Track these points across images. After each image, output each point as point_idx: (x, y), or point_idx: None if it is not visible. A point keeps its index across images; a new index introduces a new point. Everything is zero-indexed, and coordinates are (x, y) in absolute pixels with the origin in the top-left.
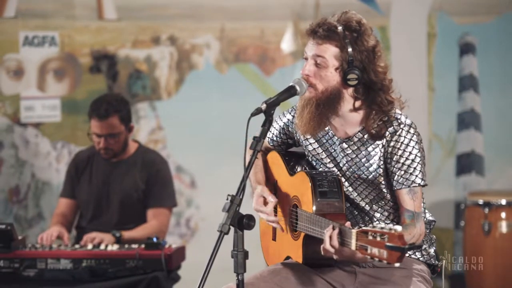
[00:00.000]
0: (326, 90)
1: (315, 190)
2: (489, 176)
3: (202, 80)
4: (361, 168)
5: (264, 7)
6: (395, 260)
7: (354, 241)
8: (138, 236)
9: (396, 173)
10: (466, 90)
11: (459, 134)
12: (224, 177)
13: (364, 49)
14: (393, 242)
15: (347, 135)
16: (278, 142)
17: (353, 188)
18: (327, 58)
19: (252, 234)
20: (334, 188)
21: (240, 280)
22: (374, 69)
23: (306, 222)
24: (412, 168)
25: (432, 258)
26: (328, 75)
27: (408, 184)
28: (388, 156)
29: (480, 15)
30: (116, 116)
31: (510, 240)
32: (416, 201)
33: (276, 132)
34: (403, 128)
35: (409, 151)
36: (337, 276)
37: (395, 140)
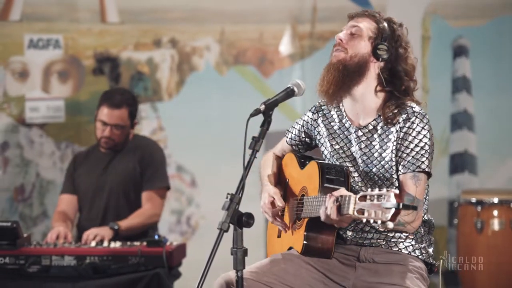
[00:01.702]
0: (355, 55)
1: (323, 176)
2: (481, 175)
3: (202, 82)
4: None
5: (263, 10)
6: (390, 218)
7: (353, 206)
8: (135, 223)
9: (404, 158)
10: (459, 92)
11: (453, 134)
12: (223, 176)
13: (399, 39)
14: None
15: (362, 124)
16: (296, 141)
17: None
18: (363, 28)
19: (251, 232)
20: (341, 177)
21: (240, 277)
22: (404, 59)
23: (310, 205)
24: (420, 154)
25: (430, 257)
26: (360, 43)
27: (413, 169)
28: (399, 142)
29: (473, 19)
30: (127, 109)
31: (502, 238)
32: (419, 187)
33: (296, 131)
34: (417, 116)
35: (420, 139)
36: (335, 269)
37: (407, 127)
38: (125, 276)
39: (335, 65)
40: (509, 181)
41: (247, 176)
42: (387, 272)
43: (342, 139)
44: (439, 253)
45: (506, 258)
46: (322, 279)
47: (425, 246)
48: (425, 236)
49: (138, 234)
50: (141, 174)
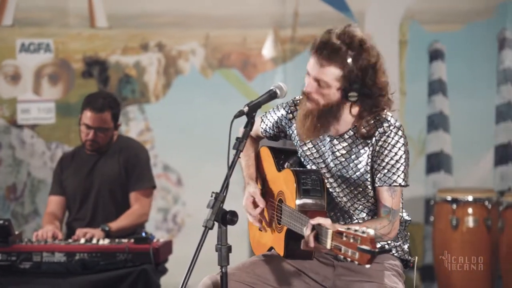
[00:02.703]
0: (327, 104)
1: (299, 187)
2: (456, 174)
3: (188, 85)
4: (347, 167)
5: (246, 16)
6: (365, 261)
7: (330, 241)
8: (124, 224)
9: (380, 171)
10: (435, 94)
11: (429, 135)
12: (208, 176)
13: (365, 66)
14: (364, 245)
15: (339, 133)
16: (270, 134)
17: (337, 184)
18: (329, 81)
19: (235, 229)
20: (317, 186)
21: (224, 273)
22: (375, 82)
23: (289, 218)
24: (396, 168)
25: (406, 254)
26: (330, 94)
27: (389, 183)
28: (375, 155)
29: (448, 24)
30: (110, 112)
31: (476, 234)
32: (395, 199)
33: (270, 125)
34: (392, 130)
35: (395, 152)
36: (315, 268)
37: (383, 140)
38: (113, 272)
39: (311, 113)
40: (483, 180)
41: (231, 176)
42: (365, 270)
43: (317, 143)
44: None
45: (479, 254)
46: (303, 279)
47: (400, 244)
48: (401, 233)
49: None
50: (127, 175)
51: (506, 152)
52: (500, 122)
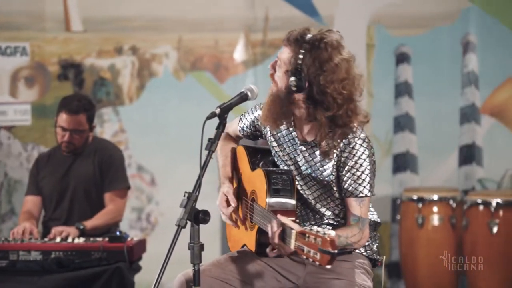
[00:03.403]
0: (281, 87)
1: (269, 187)
2: (422, 174)
3: (161, 87)
4: (316, 171)
5: (218, 20)
6: (326, 262)
7: (293, 241)
8: (99, 223)
9: (347, 182)
10: (401, 96)
11: (395, 136)
12: (181, 176)
13: (315, 64)
14: (325, 246)
15: (306, 140)
16: (247, 133)
17: (307, 187)
18: (281, 60)
19: (208, 228)
20: (287, 186)
21: (196, 270)
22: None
23: (259, 216)
24: (361, 179)
25: (374, 253)
26: (280, 76)
27: (356, 194)
28: (340, 165)
29: (414, 28)
30: (85, 115)
31: (441, 232)
32: (363, 208)
33: (247, 124)
34: (357, 142)
35: (360, 163)
36: (287, 265)
37: (348, 152)
38: (88, 270)
39: (271, 97)
40: (448, 179)
41: (203, 176)
42: (335, 268)
43: (289, 146)
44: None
45: (444, 251)
46: (275, 276)
47: (369, 244)
48: (370, 233)
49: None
50: (101, 175)
51: (470, 152)
52: (464, 123)
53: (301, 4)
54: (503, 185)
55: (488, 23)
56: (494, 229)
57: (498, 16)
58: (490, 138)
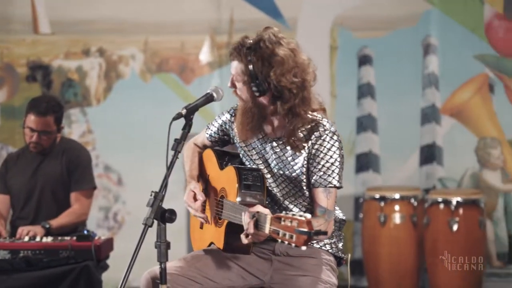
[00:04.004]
0: (247, 100)
1: (240, 182)
2: (384, 173)
3: (128, 88)
4: (287, 166)
5: (184, 22)
6: (302, 243)
7: (268, 225)
8: (65, 222)
9: (316, 173)
10: (364, 97)
11: (358, 136)
12: (148, 175)
13: (267, 63)
14: (301, 227)
15: (276, 136)
16: (215, 138)
17: (276, 184)
18: (236, 75)
19: (174, 227)
20: (257, 182)
21: (163, 268)
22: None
23: (229, 211)
24: (331, 170)
25: (339, 251)
26: (241, 89)
27: (325, 184)
28: (311, 157)
29: (376, 31)
30: (53, 116)
31: (403, 230)
32: (330, 200)
33: (215, 129)
34: (328, 134)
35: (330, 155)
36: (254, 263)
37: (319, 144)
38: (57, 268)
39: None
40: (409, 178)
41: (169, 175)
42: (301, 265)
43: (258, 145)
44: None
45: (406, 249)
46: (241, 274)
47: (335, 241)
48: (336, 232)
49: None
50: (68, 176)
51: (431, 152)
52: (425, 123)
53: (265, 6)
54: (463, 184)
55: (448, 26)
56: (454, 227)
57: (458, 18)
58: (450, 138)
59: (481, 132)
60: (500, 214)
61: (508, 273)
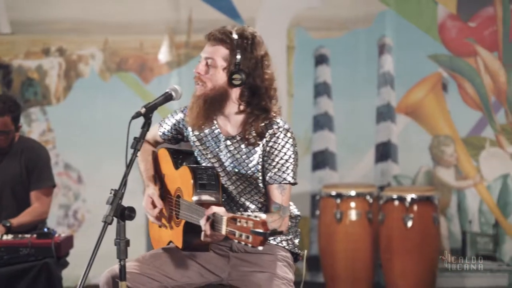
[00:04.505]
0: (213, 88)
1: (196, 182)
2: (340, 171)
3: (88, 87)
4: (241, 164)
5: (143, 22)
6: (258, 243)
7: (224, 227)
8: (25, 220)
9: (271, 170)
10: (320, 96)
11: (315, 134)
12: (108, 173)
13: (252, 56)
14: (257, 228)
15: (231, 134)
16: (168, 137)
17: (230, 182)
18: (216, 59)
19: (133, 224)
20: (212, 181)
21: (123, 265)
22: (261, 75)
23: (186, 211)
24: (285, 167)
25: (296, 248)
26: (216, 75)
27: (279, 181)
28: (265, 155)
29: (332, 31)
30: (10, 116)
31: (358, 227)
32: (284, 196)
33: (168, 128)
34: (281, 131)
35: (284, 152)
36: (212, 260)
37: (273, 141)
38: (17, 266)
39: (198, 98)
40: (365, 176)
41: (129, 173)
42: (258, 261)
43: (212, 144)
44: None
45: (361, 245)
46: (199, 271)
47: (292, 238)
48: (292, 228)
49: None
50: (28, 174)
51: (386, 150)
52: (381, 121)
53: (224, 7)
54: (417, 181)
55: (403, 26)
56: (408, 223)
57: (412, 19)
58: (405, 136)
59: (435, 130)
60: (453, 211)
61: (461, 268)
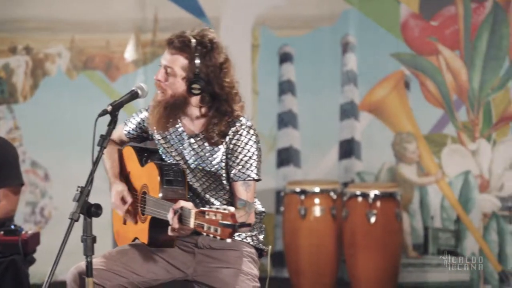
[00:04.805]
0: (173, 95)
1: (162, 178)
2: (304, 168)
3: (55, 86)
4: (205, 162)
5: (109, 21)
6: (227, 235)
7: (193, 220)
8: None
9: (235, 167)
10: (285, 94)
11: (279, 132)
12: (74, 171)
13: (211, 64)
14: (226, 220)
15: (194, 133)
16: (133, 135)
17: (195, 179)
18: (175, 68)
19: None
20: (178, 177)
21: (89, 262)
22: (219, 82)
23: (153, 206)
24: (249, 164)
25: (260, 243)
26: (175, 83)
27: (244, 178)
28: (229, 152)
29: (296, 29)
30: None
31: (322, 223)
32: (249, 192)
33: (133, 127)
34: (244, 129)
35: (248, 149)
36: (177, 256)
37: (236, 139)
38: None
39: (159, 104)
40: (328, 172)
41: (95, 171)
42: (223, 257)
43: (176, 142)
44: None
45: (325, 241)
46: (165, 267)
47: (256, 234)
48: (257, 224)
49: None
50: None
51: (349, 147)
52: (344, 119)
53: (189, 5)
54: (380, 178)
55: (366, 25)
56: (372, 219)
57: (375, 18)
58: (368, 133)
59: (397, 128)
60: (416, 207)
61: (423, 263)
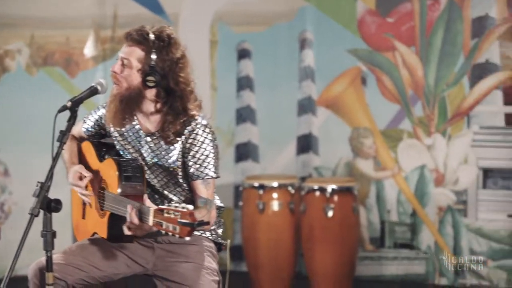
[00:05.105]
0: (129, 88)
1: (121, 174)
2: (263, 163)
3: (15, 82)
4: (161, 159)
5: (69, 17)
6: (186, 234)
7: (152, 218)
8: None
9: (192, 166)
10: (243, 89)
11: (238, 127)
12: (34, 166)
13: (168, 58)
14: (184, 219)
15: (150, 131)
16: (92, 132)
17: (154, 176)
18: (131, 59)
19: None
20: (137, 173)
21: (49, 256)
22: (175, 78)
23: (112, 202)
24: (206, 162)
25: (219, 237)
26: (131, 75)
27: (202, 176)
28: (186, 151)
29: (254, 25)
30: None
31: (281, 217)
32: (209, 190)
33: (92, 124)
34: (200, 128)
35: (204, 148)
36: (137, 251)
37: (192, 138)
38: None
39: (115, 97)
40: (287, 167)
41: (55, 166)
42: (183, 251)
43: (133, 139)
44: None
45: (283, 235)
46: (126, 261)
47: (215, 228)
48: (216, 219)
49: None
50: None
51: (307, 142)
52: (302, 114)
53: (148, 2)
54: (337, 172)
55: (323, 21)
56: (329, 213)
57: (332, 14)
58: (325, 129)
59: (354, 123)
60: (372, 201)
61: (380, 257)
